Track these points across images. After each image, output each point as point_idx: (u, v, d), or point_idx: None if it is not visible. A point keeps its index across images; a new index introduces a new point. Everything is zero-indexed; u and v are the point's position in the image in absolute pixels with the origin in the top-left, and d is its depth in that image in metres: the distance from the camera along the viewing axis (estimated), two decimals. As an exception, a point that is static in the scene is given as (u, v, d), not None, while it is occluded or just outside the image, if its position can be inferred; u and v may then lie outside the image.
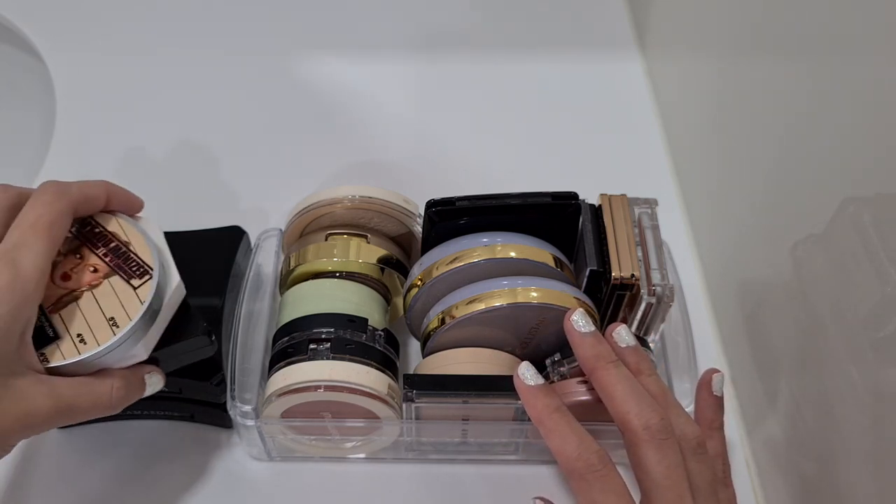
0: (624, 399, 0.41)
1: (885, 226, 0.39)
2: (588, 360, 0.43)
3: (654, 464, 0.39)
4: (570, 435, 0.41)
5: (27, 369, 0.39)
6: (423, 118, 0.72)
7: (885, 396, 0.39)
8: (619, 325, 0.45)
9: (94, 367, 0.42)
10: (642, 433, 0.40)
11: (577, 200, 0.51)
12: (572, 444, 0.40)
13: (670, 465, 0.39)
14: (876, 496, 0.41)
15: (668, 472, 0.39)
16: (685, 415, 0.43)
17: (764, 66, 0.52)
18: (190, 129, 0.70)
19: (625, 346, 0.44)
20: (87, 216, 0.45)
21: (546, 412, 0.42)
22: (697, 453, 0.41)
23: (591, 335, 0.44)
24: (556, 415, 0.42)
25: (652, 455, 0.39)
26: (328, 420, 0.49)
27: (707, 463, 0.41)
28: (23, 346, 0.39)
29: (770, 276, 0.52)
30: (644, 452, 0.40)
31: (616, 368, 0.42)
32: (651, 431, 0.40)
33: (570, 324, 0.44)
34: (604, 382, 0.42)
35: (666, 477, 0.39)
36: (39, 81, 0.74)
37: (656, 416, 0.40)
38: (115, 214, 0.45)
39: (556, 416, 0.42)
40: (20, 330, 0.39)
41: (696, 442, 0.41)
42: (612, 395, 0.41)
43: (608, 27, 0.79)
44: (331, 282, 0.52)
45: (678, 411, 0.43)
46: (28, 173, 0.68)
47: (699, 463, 0.41)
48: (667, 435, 0.40)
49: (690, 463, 0.41)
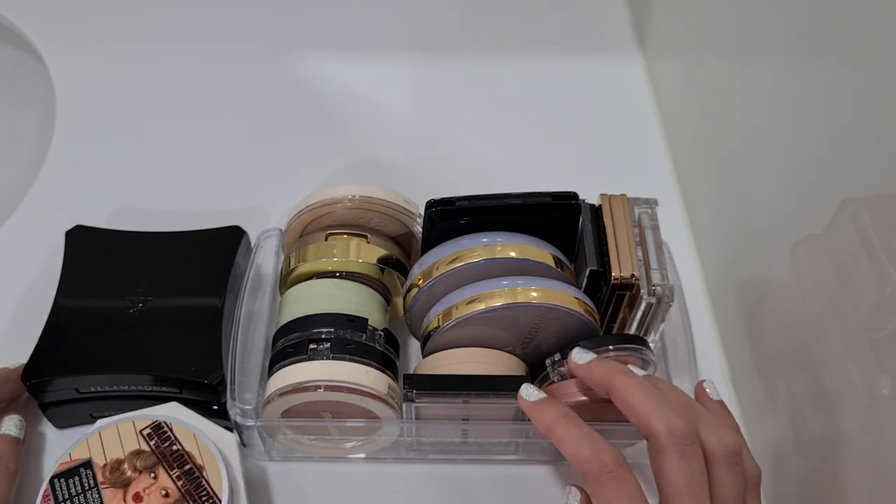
0: (644, 404, 0.40)
1: (885, 226, 0.39)
2: (602, 380, 0.43)
3: (676, 471, 0.38)
4: (582, 439, 0.40)
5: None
6: (423, 118, 0.72)
7: (884, 396, 0.39)
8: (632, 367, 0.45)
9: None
10: (666, 438, 0.39)
11: (577, 200, 0.51)
12: (585, 447, 0.40)
13: (693, 472, 0.38)
14: (876, 496, 0.41)
15: (690, 479, 0.38)
16: (719, 421, 0.42)
17: (764, 66, 0.52)
18: (190, 128, 0.70)
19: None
20: (167, 427, 0.47)
21: (554, 421, 0.42)
22: (730, 462, 0.40)
23: (595, 360, 0.44)
24: (564, 421, 0.41)
25: (675, 462, 0.38)
26: (328, 420, 0.49)
27: (739, 474, 0.40)
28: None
29: (770, 276, 0.52)
30: (666, 458, 0.39)
31: (630, 377, 0.42)
32: (675, 436, 0.39)
33: (573, 358, 0.45)
34: (621, 391, 0.41)
35: (687, 485, 0.38)
36: (39, 81, 0.74)
37: (680, 420, 0.39)
38: (194, 431, 0.47)
39: (565, 423, 0.41)
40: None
41: (732, 450, 0.40)
42: (632, 403, 0.40)
43: (608, 27, 0.79)
44: (331, 282, 0.52)
45: (709, 419, 0.41)
46: (28, 173, 0.68)
47: (730, 473, 0.40)
48: (691, 441, 0.39)
49: (721, 472, 0.39)
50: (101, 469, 0.45)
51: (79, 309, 0.52)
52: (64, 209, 0.63)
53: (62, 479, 0.45)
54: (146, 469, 0.45)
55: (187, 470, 0.45)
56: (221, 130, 0.70)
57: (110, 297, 0.53)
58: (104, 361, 0.50)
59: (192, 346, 0.51)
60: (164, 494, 0.44)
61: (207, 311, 0.52)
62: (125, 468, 0.45)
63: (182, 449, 0.46)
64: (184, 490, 0.45)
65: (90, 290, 0.53)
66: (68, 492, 0.45)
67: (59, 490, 0.45)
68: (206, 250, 0.55)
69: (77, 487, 0.45)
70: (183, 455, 0.46)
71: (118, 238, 0.56)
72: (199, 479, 0.45)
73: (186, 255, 0.55)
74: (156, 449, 0.46)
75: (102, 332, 0.51)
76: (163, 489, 0.45)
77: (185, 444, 0.46)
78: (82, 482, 0.45)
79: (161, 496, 0.44)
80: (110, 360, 0.50)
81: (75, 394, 0.51)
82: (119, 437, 0.47)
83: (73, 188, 0.66)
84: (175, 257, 0.55)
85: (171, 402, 0.49)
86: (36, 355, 0.50)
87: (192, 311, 0.52)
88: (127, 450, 0.46)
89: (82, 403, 0.51)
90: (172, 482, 0.45)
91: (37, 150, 0.71)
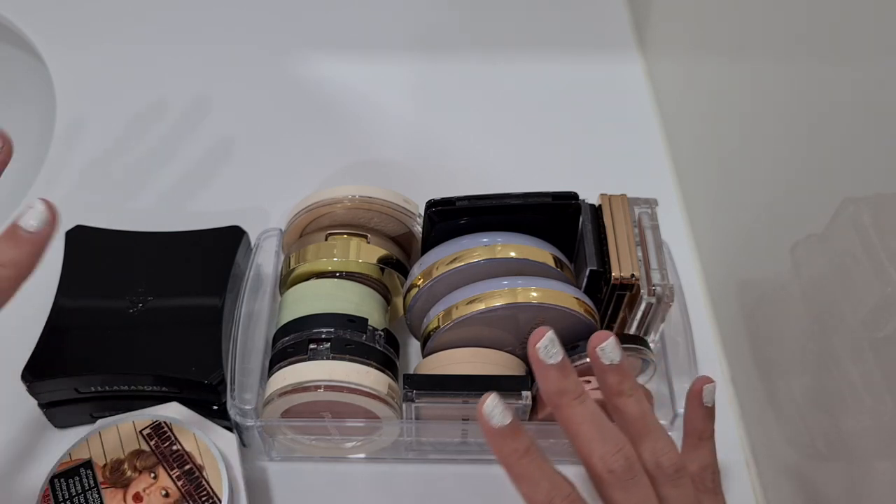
0: (588, 441, 0.39)
1: (885, 226, 0.39)
2: (552, 396, 0.39)
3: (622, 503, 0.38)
4: (540, 481, 0.38)
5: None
6: (423, 118, 0.72)
7: (884, 396, 0.39)
8: (606, 339, 0.40)
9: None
10: (607, 476, 0.38)
11: (577, 200, 0.51)
12: (542, 489, 0.38)
13: (639, 501, 0.38)
14: (876, 496, 0.41)
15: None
16: (664, 439, 0.40)
17: (764, 66, 0.52)
18: (190, 129, 0.70)
19: (608, 364, 0.40)
20: (167, 427, 0.47)
21: (514, 458, 0.38)
22: (674, 479, 0.39)
23: (555, 367, 0.39)
24: (525, 460, 0.38)
25: (619, 495, 0.38)
26: (328, 420, 0.49)
27: (686, 486, 0.40)
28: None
29: (770, 276, 0.52)
30: (610, 494, 0.38)
31: (581, 405, 0.39)
32: (615, 475, 0.38)
33: (535, 352, 0.39)
34: (568, 421, 0.39)
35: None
36: (39, 81, 0.74)
37: (620, 458, 0.38)
38: (193, 429, 0.47)
39: (525, 462, 0.38)
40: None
41: (672, 469, 0.39)
42: (576, 436, 0.39)
43: (608, 27, 0.79)
44: (331, 282, 0.52)
45: (656, 435, 0.40)
46: (28, 173, 0.68)
47: (676, 488, 0.39)
48: (632, 475, 0.38)
49: (667, 489, 0.39)
50: (101, 469, 0.45)
51: (79, 309, 0.52)
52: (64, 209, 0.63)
53: (62, 479, 0.45)
54: (146, 469, 0.45)
55: (187, 470, 0.45)
56: (221, 130, 0.70)
57: (110, 297, 0.53)
58: (104, 361, 0.50)
59: (192, 347, 0.51)
60: (164, 494, 0.44)
61: (207, 311, 0.52)
62: (125, 468, 0.45)
63: (182, 449, 0.46)
64: (184, 490, 0.45)
65: (90, 290, 0.53)
66: (68, 492, 0.45)
67: (59, 490, 0.45)
68: (206, 250, 0.55)
69: (77, 487, 0.45)
70: (183, 455, 0.46)
71: (118, 238, 0.56)
72: (199, 479, 0.45)
73: (186, 256, 0.55)
74: (156, 449, 0.46)
75: (102, 332, 0.51)
76: (163, 489, 0.45)
77: (185, 444, 0.46)
78: (82, 482, 0.45)
79: (161, 496, 0.44)
80: (110, 360, 0.50)
81: (75, 394, 0.51)
82: (119, 437, 0.47)
83: (73, 188, 0.66)
84: (175, 257, 0.55)
85: (171, 402, 0.49)
86: (36, 355, 0.50)
87: (192, 312, 0.52)
88: (127, 450, 0.46)
89: (82, 403, 0.51)
90: (172, 482, 0.45)
91: (37, 150, 0.71)
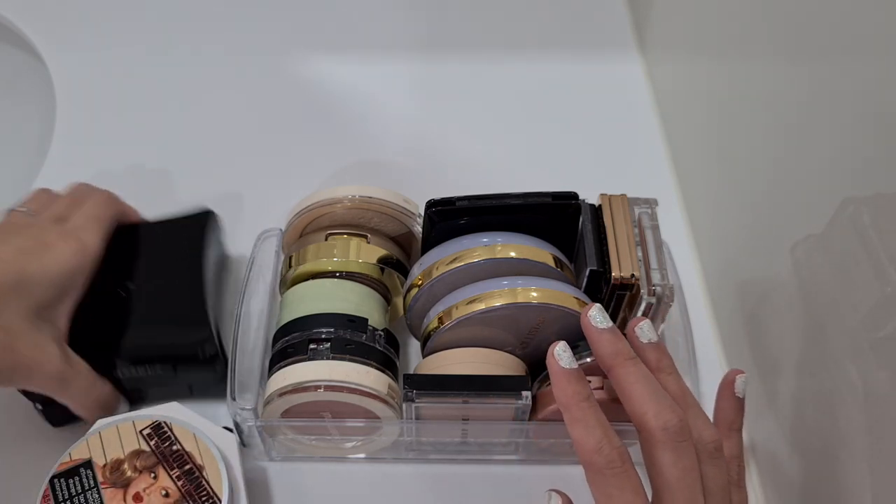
0: (642, 398, 0.40)
1: (885, 226, 0.39)
2: (606, 358, 0.42)
3: (670, 465, 0.39)
4: (595, 427, 0.39)
5: (52, 326, 0.47)
6: (423, 118, 0.72)
7: (884, 396, 0.39)
8: (642, 320, 0.44)
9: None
10: (660, 434, 0.39)
11: (577, 200, 0.51)
12: (595, 436, 0.39)
13: (685, 467, 0.39)
14: (876, 496, 0.41)
15: (683, 474, 0.39)
16: (703, 416, 0.42)
17: (764, 66, 0.52)
18: (190, 128, 0.70)
19: (646, 342, 0.43)
20: (167, 427, 0.47)
21: (575, 399, 0.40)
22: (714, 457, 0.40)
23: (608, 331, 0.42)
24: (585, 404, 0.40)
25: (668, 457, 0.39)
26: (328, 420, 0.49)
27: (722, 467, 0.41)
28: (62, 305, 0.48)
29: (770, 276, 0.52)
30: (660, 453, 0.39)
31: (635, 366, 0.41)
32: (669, 433, 0.39)
33: (588, 320, 0.42)
34: (622, 381, 0.41)
35: (680, 479, 0.38)
36: (39, 81, 0.74)
37: (675, 418, 0.39)
38: (194, 431, 0.47)
39: (585, 406, 0.40)
40: (68, 289, 0.48)
41: (713, 446, 0.41)
42: (631, 394, 0.40)
43: (608, 27, 0.79)
44: (331, 282, 0.52)
45: (696, 412, 0.42)
46: (28, 173, 0.68)
47: (714, 467, 0.40)
48: (684, 437, 0.39)
49: (706, 466, 0.40)
50: (101, 469, 0.45)
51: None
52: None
53: (62, 478, 0.45)
54: (146, 469, 0.45)
55: (187, 470, 0.45)
56: (222, 130, 0.70)
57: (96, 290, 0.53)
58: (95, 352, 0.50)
59: (178, 314, 0.52)
60: (164, 494, 0.44)
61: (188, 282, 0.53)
62: (125, 468, 0.45)
63: (182, 449, 0.46)
64: (184, 490, 0.45)
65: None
66: (68, 492, 0.45)
67: (59, 490, 0.45)
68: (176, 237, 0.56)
69: (77, 487, 0.45)
70: (183, 455, 0.46)
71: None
72: (199, 479, 0.45)
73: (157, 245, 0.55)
74: (156, 449, 0.46)
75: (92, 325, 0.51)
76: (163, 489, 0.45)
77: (185, 443, 0.46)
78: (82, 482, 0.45)
79: (161, 496, 0.44)
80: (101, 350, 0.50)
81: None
82: (119, 437, 0.47)
83: (73, 188, 0.66)
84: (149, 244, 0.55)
85: (171, 403, 0.49)
86: None
87: (174, 289, 0.53)
88: (127, 450, 0.46)
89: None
90: (172, 482, 0.45)
91: (37, 150, 0.71)
